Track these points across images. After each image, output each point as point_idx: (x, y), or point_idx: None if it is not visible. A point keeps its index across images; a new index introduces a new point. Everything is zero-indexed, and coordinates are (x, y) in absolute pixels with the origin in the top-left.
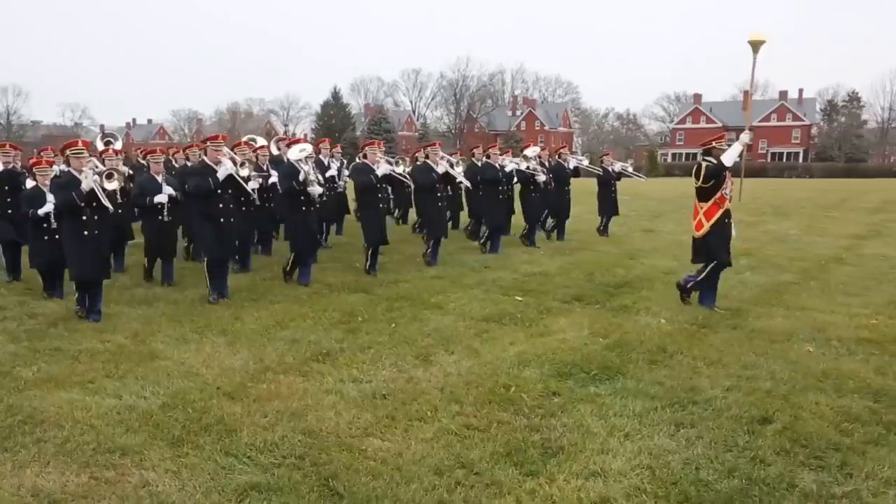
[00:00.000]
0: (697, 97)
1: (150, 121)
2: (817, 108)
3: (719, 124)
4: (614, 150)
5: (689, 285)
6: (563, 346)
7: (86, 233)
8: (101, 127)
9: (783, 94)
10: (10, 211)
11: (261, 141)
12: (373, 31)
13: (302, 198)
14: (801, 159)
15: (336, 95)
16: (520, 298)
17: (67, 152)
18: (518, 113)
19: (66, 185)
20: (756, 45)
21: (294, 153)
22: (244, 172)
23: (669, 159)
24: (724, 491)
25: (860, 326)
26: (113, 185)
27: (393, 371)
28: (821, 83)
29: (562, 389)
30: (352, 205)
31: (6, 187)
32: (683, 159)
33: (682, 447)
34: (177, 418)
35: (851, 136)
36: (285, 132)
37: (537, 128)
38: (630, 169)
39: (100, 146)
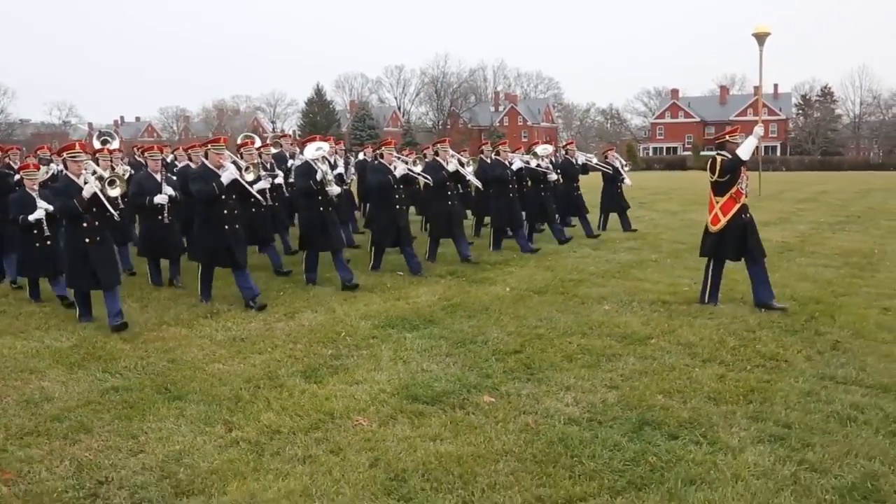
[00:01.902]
0: (674, 92)
1: (138, 118)
2: (794, 102)
3: (697, 119)
4: (600, 144)
5: (706, 294)
6: (407, 306)
7: (87, 240)
8: (90, 125)
9: (757, 90)
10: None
11: (258, 141)
12: (357, 28)
13: (319, 197)
14: (778, 153)
15: (319, 93)
16: (401, 273)
17: (64, 156)
18: (500, 109)
19: (63, 190)
20: (761, 38)
21: (310, 151)
22: (249, 177)
23: (651, 153)
24: (438, 390)
25: (666, 292)
26: (116, 192)
27: (260, 324)
28: (798, 78)
29: (381, 334)
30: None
31: None
32: (664, 153)
33: (440, 368)
34: (78, 353)
35: (826, 130)
36: (273, 129)
37: (520, 123)
38: (627, 169)
39: (97, 145)
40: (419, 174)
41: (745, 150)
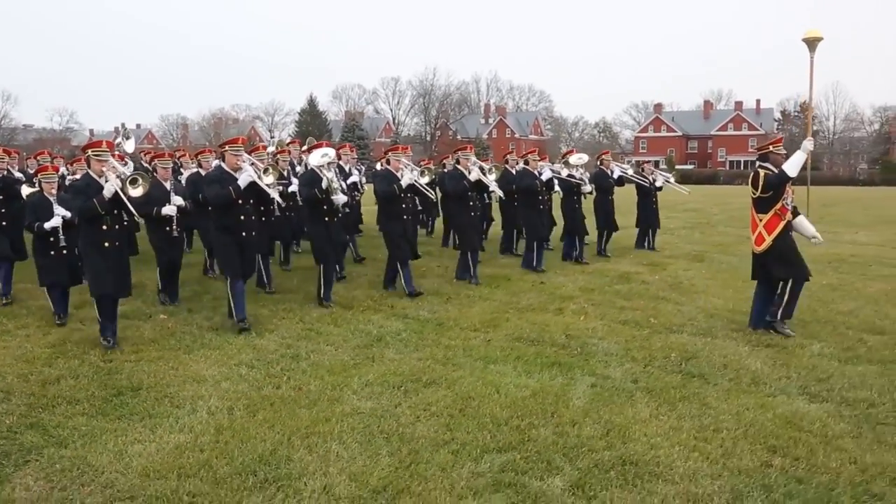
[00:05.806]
0: (658, 107)
1: (138, 125)
2: (775, 117)
3: (680, 133)
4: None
5: (776, 313)
6: None
7: (106, 244)
8: (91, 132)
9: (738, 105)
10: (4, 223)
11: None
12: (355, 40)
13: (325, 207)
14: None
15: (312, 103)
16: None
17: (89, 153)
18: (490, 121)
19: (84, 189)
20: (812, 44)
21: (315, 158)
22: (269, 180)
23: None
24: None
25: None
26: (138, 192)
27: None
28: (783, 93)
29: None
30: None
31: (1, 196)
32: None
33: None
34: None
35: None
36: (271, 138)
37: (508, 135)
38: (672, 179)
39: (116, 140)
40: (423, 187)
41: (792, 166)
